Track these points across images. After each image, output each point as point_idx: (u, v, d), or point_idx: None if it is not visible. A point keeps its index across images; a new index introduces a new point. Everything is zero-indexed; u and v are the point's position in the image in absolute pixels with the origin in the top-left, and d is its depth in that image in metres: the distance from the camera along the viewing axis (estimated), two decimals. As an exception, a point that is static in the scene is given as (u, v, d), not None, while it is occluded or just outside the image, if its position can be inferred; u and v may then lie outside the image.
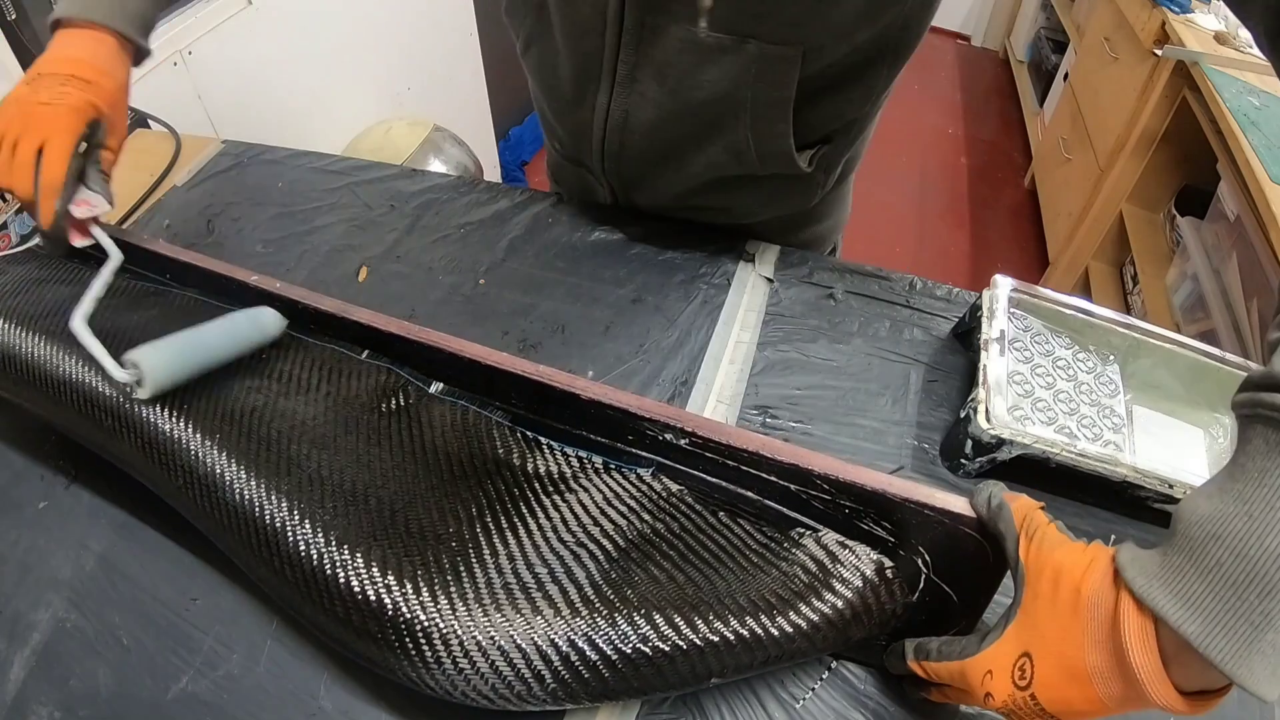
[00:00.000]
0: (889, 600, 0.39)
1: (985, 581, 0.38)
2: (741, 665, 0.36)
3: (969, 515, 0.37)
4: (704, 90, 0.55)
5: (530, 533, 0.40)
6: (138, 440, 0.45)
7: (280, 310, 0.53)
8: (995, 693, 0.33)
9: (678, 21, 0.52)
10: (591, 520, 0.41)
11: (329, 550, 0.38)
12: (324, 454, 0.44)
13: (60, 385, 0.47)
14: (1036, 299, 0.56)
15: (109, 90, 0.54)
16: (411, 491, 0.43)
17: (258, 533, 0.40)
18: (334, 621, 0.38)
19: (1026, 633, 0.33)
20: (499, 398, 0.47)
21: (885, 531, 0.39)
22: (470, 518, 0.41)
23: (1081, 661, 0.30)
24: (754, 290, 0.65)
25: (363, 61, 1.50)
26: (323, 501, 0.41)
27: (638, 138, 0.61)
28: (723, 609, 0.36)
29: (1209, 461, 0.53)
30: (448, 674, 0.35)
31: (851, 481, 0.39)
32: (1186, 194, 1.64)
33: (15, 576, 0.48)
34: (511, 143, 2.27)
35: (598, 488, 0.43)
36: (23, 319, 0.50)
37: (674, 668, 0.35)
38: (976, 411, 0.49)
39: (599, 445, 0.45)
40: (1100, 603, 0.30)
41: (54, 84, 0.52)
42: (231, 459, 0.42)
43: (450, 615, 0.36)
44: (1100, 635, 0.30)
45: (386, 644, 0.36)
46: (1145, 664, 0.28)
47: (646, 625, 0.35)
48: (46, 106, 0.51)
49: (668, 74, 0.55)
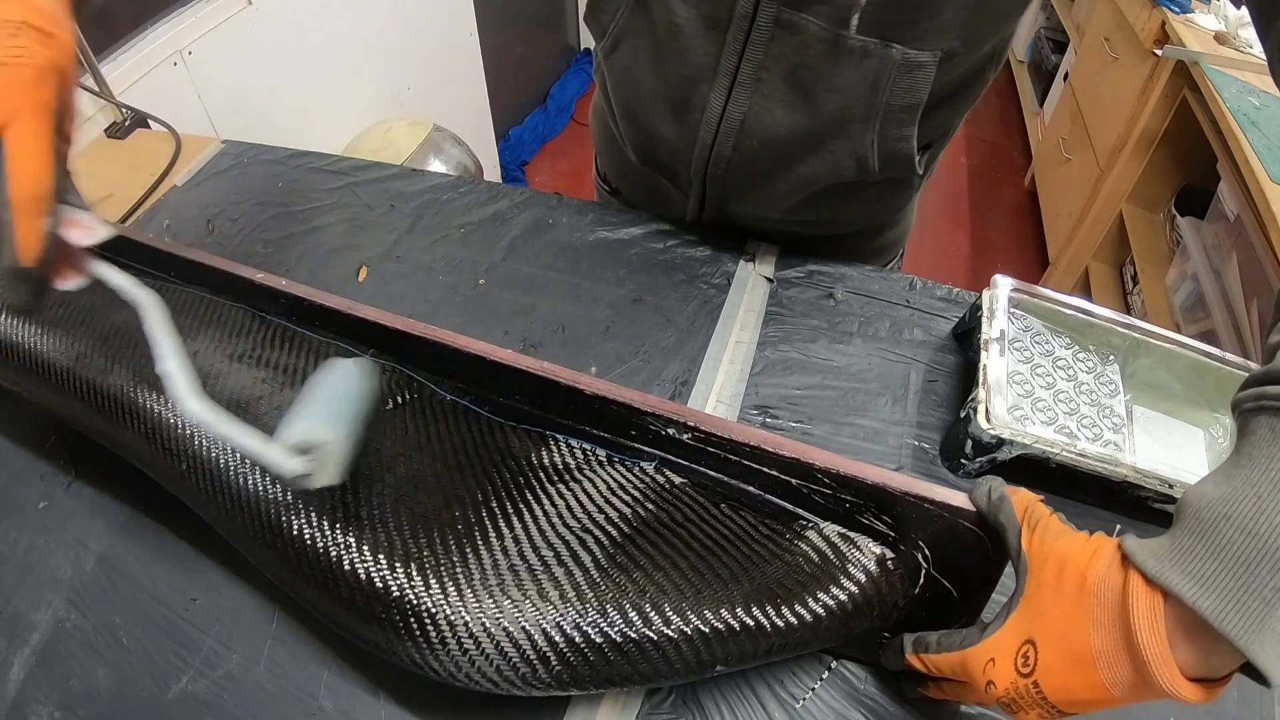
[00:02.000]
0: (890, 592, 0.39)
1: (985, 576, 0.39)
2: (745, 654, 0.36)
3: (969, 510, 0.37)
4: (840, 95, 0.52)
5: (535, 518, 0.41)
6: (140, 427, 0.45)
7: (285, 308, 0.53)
8: (997, 680, 0.33)
9: (822, 21, 0.49)
10: (596, 508, 0.42)
11: (333, 534, 0.38)
12: None
13: (61, 373, 0.47)
14: (1036, 299, 0.56)
15: (68, 48, 0.38)
16: (416, 477, 0.43)
17: (261, 517, 0.40)
18: (338, 605, 0.38)
19: (1030, 620, 0.33)
20: (503, 393, 0.48)
21: (886, 526, 0.40)
22: (475, 503, 0.41)
23: (1087, 645, 0.30)
24: (754, 290, 0.65)
25: (363, 61, 1.50)
26: (326, 485, 0.41)
27: (754, 143, 0.57)
28: (726, 597, 0.36)
29: (1209, 461, 0.53)
30: (452, 656, 0.35)
31: (853, 476, 0.39)
32: (1186, 194, 1.64)
33: (15, 576, 0.48)
34: (511, 143, 2.27)
35: (601, 478, 0.44)
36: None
37: (678, 654, 0.35)
38: (976, 411, 0.49)
39: (603, 440, 0.46)
40: (1107, 587, 0.30)
41: (2, 35, 0.36)
42: (233, 450, 0.42)
43: (454, 598, 0.36)
44: (1106, 618, 0.30)
45: (391, 627, 0.36)
46: (1152, 645, 0.28)
47: (651, 610, 0.35)
48: (2, 68, 0.35)
49: (801, 76, 0.52)
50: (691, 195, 0.66)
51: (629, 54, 0.59)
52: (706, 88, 0.56)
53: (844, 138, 0.55)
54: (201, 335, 0.51)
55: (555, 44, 2.54)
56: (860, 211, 0.65)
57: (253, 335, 0.52)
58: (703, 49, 0.53)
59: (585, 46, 2.67)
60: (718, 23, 0.52)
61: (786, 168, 0.59)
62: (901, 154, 0.56)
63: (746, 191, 0.63)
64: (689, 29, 0.53)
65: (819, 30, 0.50)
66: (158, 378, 0.44)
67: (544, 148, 2.40)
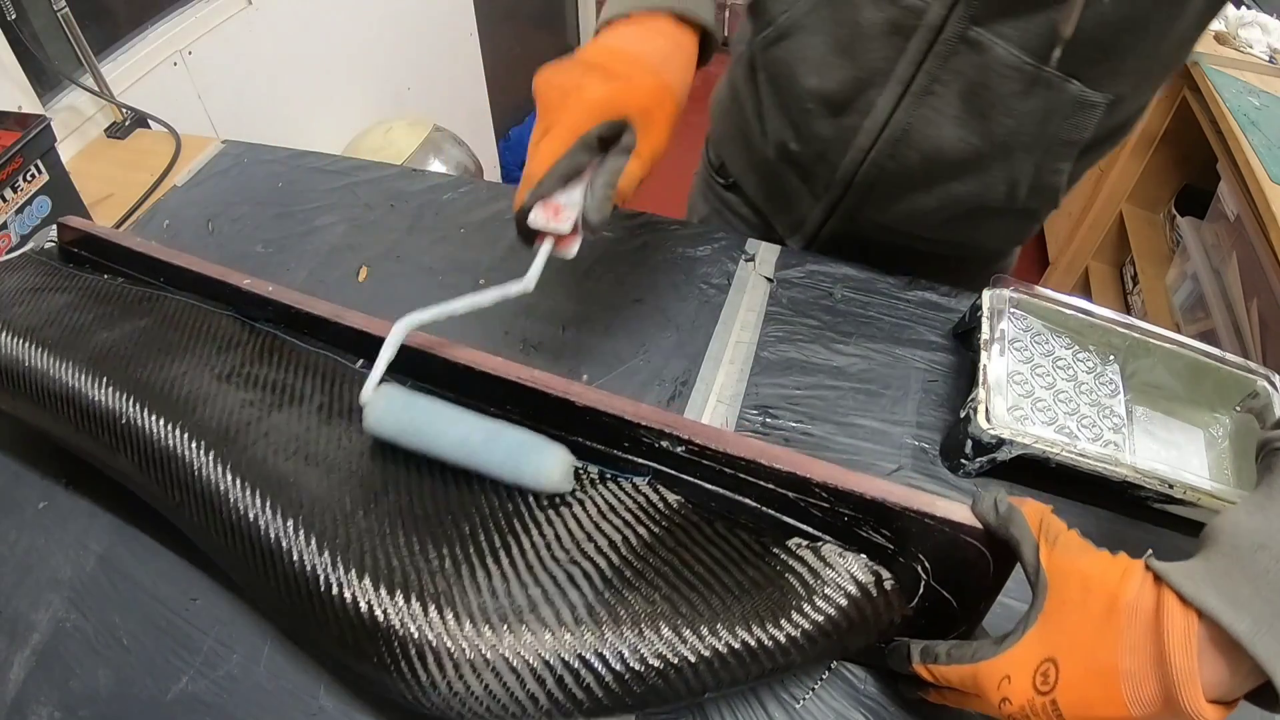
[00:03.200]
0: (886, 611, 0.39)
1: (986, 588, 0.38)
2: (736, 679, 0.36)
3: (969, 524, 0.37)
4: (1014, 120, 0.52)
5: (524, 551, 0.40)
6: (133, 456, 0.44)
7: (272, 314, 0.52)
8: (1013, 697, 0.33)
9: (1015, 48, 0.48)
10: (585, 536, 0.41)
11: (324, 572, 0.38)
12: (316, 471, 0.44)
13: (56, 399, 0.47)
14: (1036, 299, 0.56)
15: (644, 89, 0.44)
16: (405, 510, 0.42)
17: (254, 553, 0.40)
18: (331, 641, 0.38)
19: (1052, 636, 0.32)
20: (494, 404, 0.47)
21: (884, 539, 0.39)
22: (464, 537, 0.41)
23: (1114, 664, 0.30)
24: (754, 290, 0.65)
25: (363, 61, 1.50)
26: (316, 520, 0.40)
27: (915, 154, 0.56)
28: (719, 624, 0.36)
29: (1209, 461, 0.53)
30: (443, 695, 0.35)
31: (850, 490, 0.38)
32: (1186, 194, 1.64)
33: (15, 576, 0.48)
34: (511, 143, 2.27)
35: (592, 500, 0.43)
36: (18, 329, 0.50)
37: (669, 684, 0.35)
38: (976, 411, 0.49)
39: (595, 452, 0.45)
40: (1141, 607, 0.30)
41: (575, 72, 0.44)
42: (224, 478, 0.42)
43: (445, 636, 0.36)
44: (1138, 640, 0.30)
45: (383, 665, 0.36)
46: (1184, 666, 0.28)
47: (642, 642, 0.35)
48: (557, 92, 0.44)
49: (979, 95, 0.51)
50: (824, 199, 0.64)
51: (796, 47, 0.57)
52: (875, 92, 0.54)
53: (1005, 162, 0.54)
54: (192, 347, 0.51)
55: (555, 44, 2.54)
56: (991, 236, 0.65)
57: (243, 346, 0.52)
58: (880, 53, 0.52)
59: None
60: (902, 29, 0.50)
61: (940, 184, 0.58)
62: (1050, 186, 0.57)
63: (889, 203, 0.61)
64: (870, 31, 0.52)
65: (1007, 55, 0.49)
66: (150, 401, 0.45)
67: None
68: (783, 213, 0.70)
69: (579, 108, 0.43)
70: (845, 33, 0.53)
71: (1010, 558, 0.36)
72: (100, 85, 0.93)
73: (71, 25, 0.88)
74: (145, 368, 0.48)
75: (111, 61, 1.00)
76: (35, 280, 0.56)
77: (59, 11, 0.87)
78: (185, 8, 1.10)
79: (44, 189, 0.70)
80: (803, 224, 0.68)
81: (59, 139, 0.72)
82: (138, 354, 0.49)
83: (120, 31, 1.04)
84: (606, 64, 0.44)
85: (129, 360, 0.48)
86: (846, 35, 0.53)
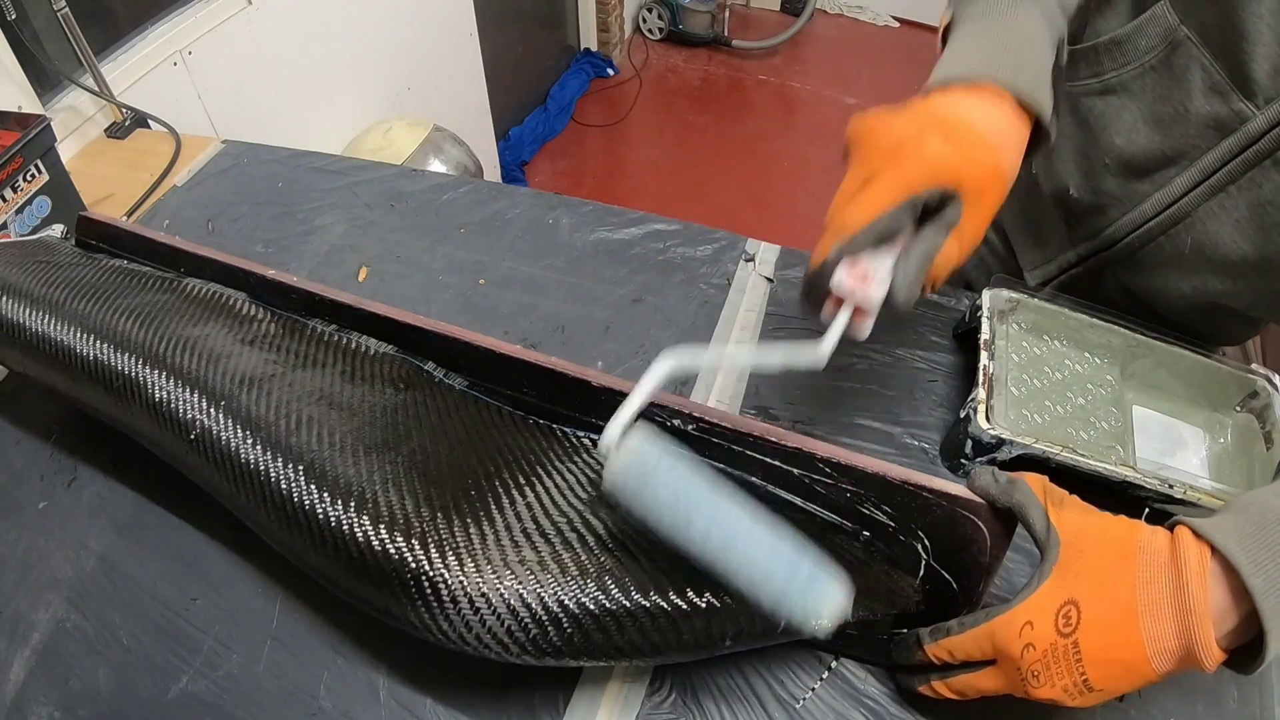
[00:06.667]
0: (904, 585, 0.41)
1: (983, 566, 0.39)
2: (755, 632, 0.37)
3: (966, 497, 0.38)
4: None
5: (547, 489, 0.42)
6: (148, 399, 0.45)
7: (297, 302, 0.54)
8: (1036, 642, 0.34)
9: None
10: (591, 499, 0.42)
11: (341, 501, 0.39)
12: (338, 414, 0.45)
13: (69, 352, 0.48)
14: (1037, 299, 0.56)
15: (984, 166, 0.39)
16: (426, 450, 0.44)
17: (270, 487, 0.40)
18: (347, 572, 0.38)
19: (1072, 581, 0.34)
20: (511, 387, 0.49)
21: (886, 515, 0.41)
22: (488, 473, 0.42)
23: (1133, 599, 0.32)
24: (754, 290, 0.65)
25: (363, 61, 1.50)
26: (336, 456, 0.41)
27: (1189, 237, 0.54)
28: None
29: (1209, 461, 0.53)
30: (464, 618, 0.36)
31: (851, 465, 0.40)
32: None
33: (15, 576, 0.48)
34: (511, 143, 2.27)
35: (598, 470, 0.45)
36: (26, 291, 0.51)
37: (689, 625, 0.36)
38: (976, 411, 0.49)
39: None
40: (1157, 547, 0.33)
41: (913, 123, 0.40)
42: (244, 415, 0.43)
43: (463, 562, 0.36)
44: (1156, 572, 0.32)
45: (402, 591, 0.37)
46: (1199, 598, 0.30)
47: (664, 578, 0.36)
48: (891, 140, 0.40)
49: (1267, 211, 0.50)
50: (1082, 248, 0.63)
51: (1115, 105, 0.56)
52: (1176, 171, 0.53)
53: (1264, 278, 0.54)
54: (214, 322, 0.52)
55: (555, 44, 2.54)
56: (1215, 329, 0.63)
57: (262, 322, 0.54)
58: (1194, 140, 0.52)
59: (585, 46, 2.66)
60: (1223, 127, 0.50)
61: (1201, 274, 0.56)
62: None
63: (1145, 271, 0.60)
64: (1193, 118, 0.51)
65: None
66: (165, 355, 0.46)
67: (544, 148, 2.40)
68: (1033, 247, 0.69)
69: (917, 162, 0.38)
70: (1167, 110, 0.53)
71: (1005, 535, 0.38)
72: (100, 85, 0.93)
73: (71, 25, 0.88)
74: (170, 325, 0.50)
75: (111, 61, 1.00)
76: (48, 257, 0.57)
77: (59, 11, 0.87)
78: (185, 8, 1.10)
79: (44, 189, 0.71)
80: (1049, 263, 0.67)
81: (59, 139, 0.72)
82: (161, 317, 0.51)
83: (120, 31, 1.04)
84: (948, 126, 0.40)
85: (153, 319, 0.50)
86: (1168, 113, 0.53)
